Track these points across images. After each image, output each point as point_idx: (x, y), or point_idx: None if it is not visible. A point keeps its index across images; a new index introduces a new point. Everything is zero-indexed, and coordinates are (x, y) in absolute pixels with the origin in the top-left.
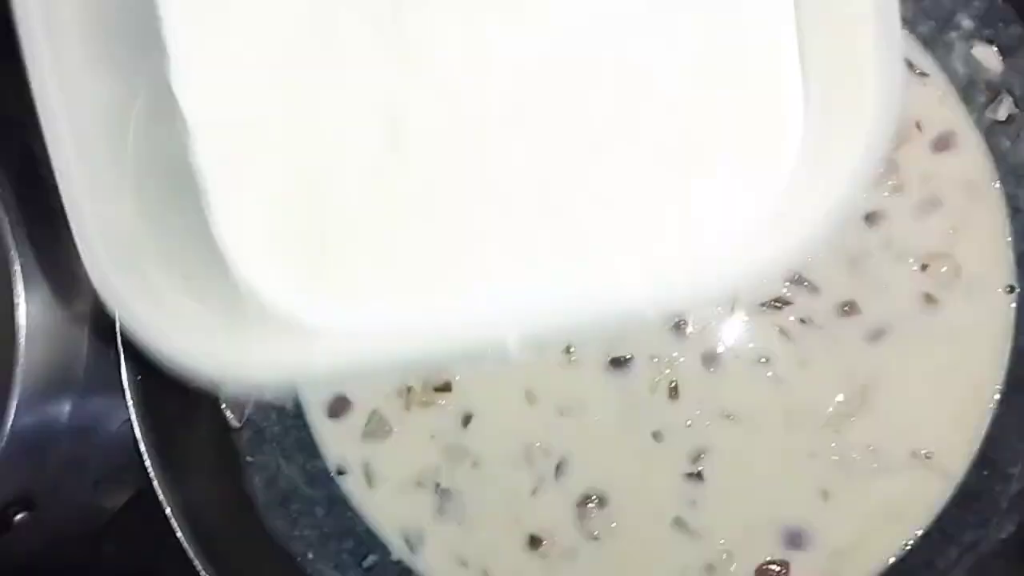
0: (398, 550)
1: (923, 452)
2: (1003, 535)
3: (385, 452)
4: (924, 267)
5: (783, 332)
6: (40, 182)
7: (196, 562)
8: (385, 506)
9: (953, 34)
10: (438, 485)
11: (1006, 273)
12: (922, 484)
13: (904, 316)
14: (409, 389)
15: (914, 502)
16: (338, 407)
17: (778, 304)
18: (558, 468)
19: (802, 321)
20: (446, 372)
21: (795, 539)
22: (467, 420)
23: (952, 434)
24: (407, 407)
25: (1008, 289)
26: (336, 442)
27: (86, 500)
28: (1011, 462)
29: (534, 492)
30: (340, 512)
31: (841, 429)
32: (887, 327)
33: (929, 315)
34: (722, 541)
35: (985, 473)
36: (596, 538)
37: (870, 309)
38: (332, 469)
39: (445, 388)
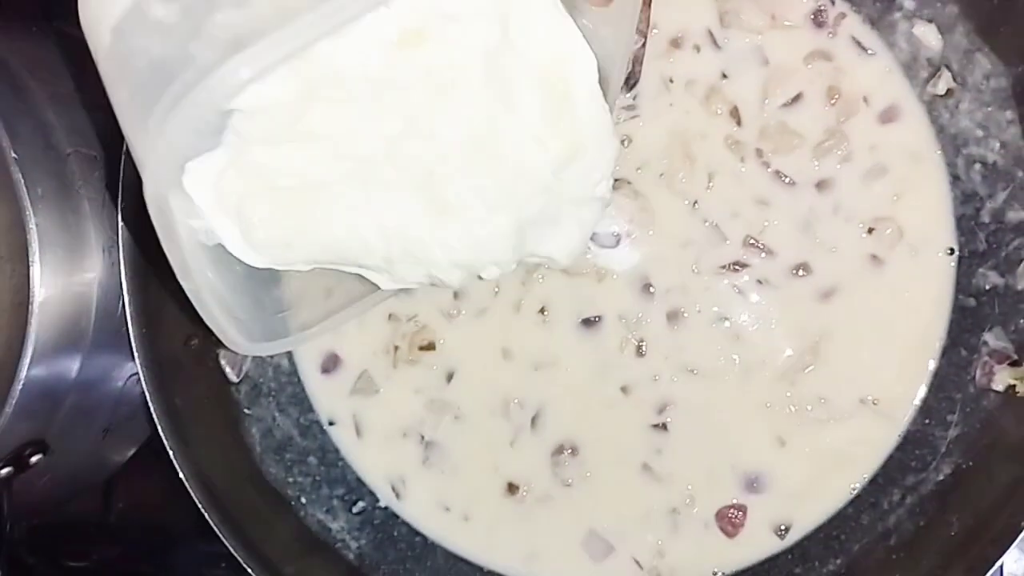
0: (385, 497)
1: (871, 399)
2: (941, 477)
3: (373, 406)
4: (870, 230)
5: (741, 292)
6: (55, 149)
7: (200, 506)
8: (373, 455)
9: (897, 14)
10: (422, 437)
11: (947, 236)
12: (870, 431)
13: (852, 276)
14: (396, 348)
15: (862, 448)
16: (329, 364)
17: (737, 267)
18: (533, 420)
19: (759, 282)
20: (431, 332)
21: (753, 484)
22: (450, 377)
23: (896, 384)
24: (394, 365)
25: (948, 251)
26: (327, 397)
27: (95, 449)
28: (949, 410)
29: (512, 443)
30: (331, 461)
31: (795, 381)
32: (837, 286)
33: (875, 275)
34: (688, 487)
35: (926, 421)
36: (569, 485)
37: (821, 270)
38: (324, 421)
39: (429, 347)
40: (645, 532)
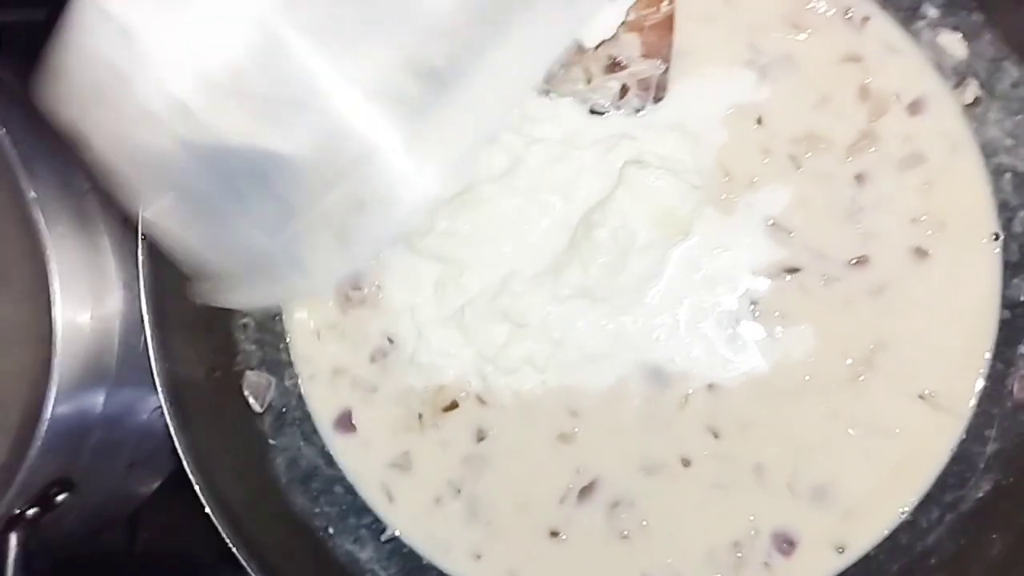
0: (427, 554)
1: (928, 392)
2: (980, 494)
3: (406, 478)
4: (913, 221)
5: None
6: (73, 186)
7: (227, 539)
8: (406, 520)
9: (921, 23)
10: (459, 491)
11: (990, 221)
12: (925, 439)
13: (899, 270)
14: (420, 416)
15: (918, 459)
16: (343, 424)
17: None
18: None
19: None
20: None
21: (815, 500)
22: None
23: (954, 380)
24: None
25: (993, 236)
26: (348, 459)
27: (120, 483)
28: (987, 425)
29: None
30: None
31: (852, 390)
32: (886, 283)
33: (921, 267)
34: (751, 517)
35: (963, 436)
36: (627, 537)
37: (870, 266)
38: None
39: (453, 407)
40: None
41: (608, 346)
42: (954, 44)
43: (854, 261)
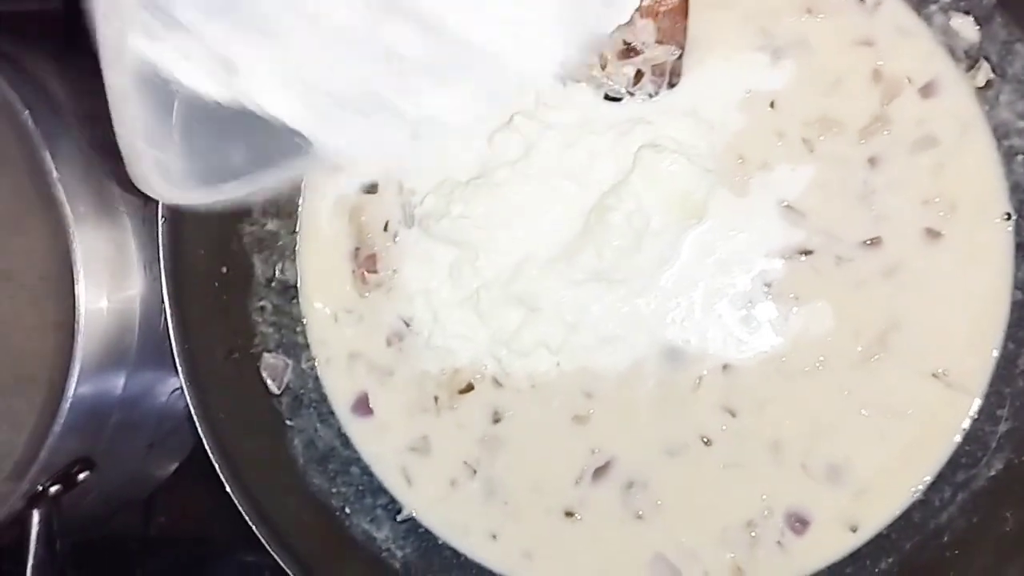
0: (443, 534)
1: (942, 371)
2: (993, 473)
3: (423, 462)
4: (925, 203)
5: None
6: (97, 170)
7: (247, 518)
8: (424, 501)
9: (933, 7)
10: (475, 472)
11: (1001, 201)
12: (938, 416)
13: (911, 251)
14: (436, 399)
15: (931, 435)
16: (360, 408)
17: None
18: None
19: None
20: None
21: (830, 478)
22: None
23: (967, 358)
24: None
25: (1005, 216)
26: (365, 443)
27: (140, 464)
28: (998, 404)
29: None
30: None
31: (865, 369)
32: (898, 264)
33: (934, 248)
34: (764, 497)
35: (975, 416)
36: (640, 517)
37: (883, 247)
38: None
39: (468, 389)
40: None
41: (623, 329)
42: (966, 27)
43: (867, 242)
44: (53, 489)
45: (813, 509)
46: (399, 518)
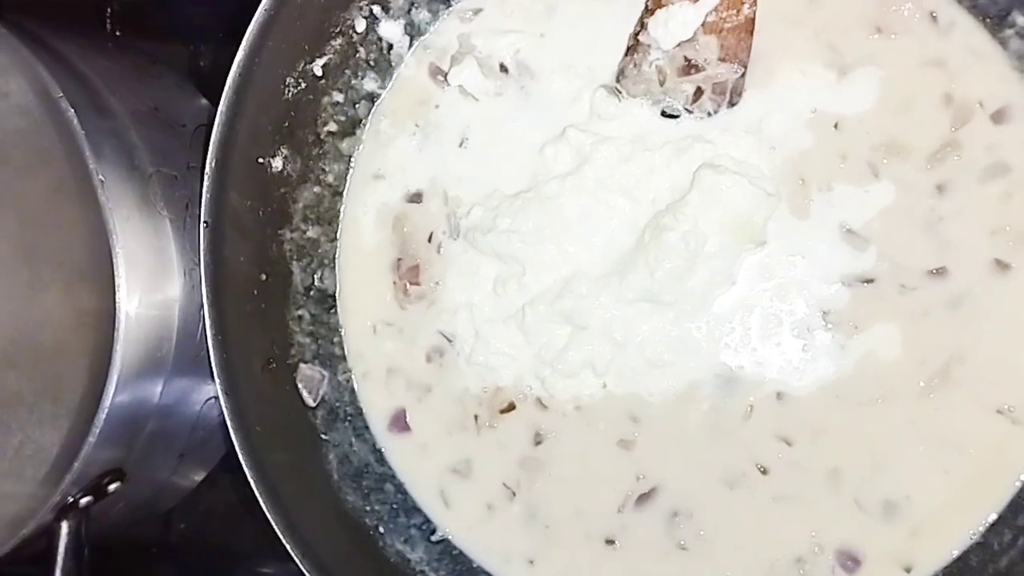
0: (482, 561)
1: (1008, 408)
2: None
3: (462, 484)
4: (994, 232)
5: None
6: (138, 170)
7: (278, 532)
8: (463, 528)
9: (1008, 31)
10: (514, 494)
11: None
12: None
13: (978, 282)
14: (476, 417)
15: (989, 479)
16: (398, 424)
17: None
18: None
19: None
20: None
21: (886, 514)
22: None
23: None
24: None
25: None
26: (402, 460)
27: (168, 474)
28: None
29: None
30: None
31: (928, 402)
32: (964, 295)
33: (1003, 279)
34: (814, 533)
35: None
36: (685, 548)
37: (948, 277)
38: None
39: (510, 408)
40: None
41: (672, 352)
42: None
43: (933, 271)
44: (84, 501)
45: (866, 547)
46: (434, 538)
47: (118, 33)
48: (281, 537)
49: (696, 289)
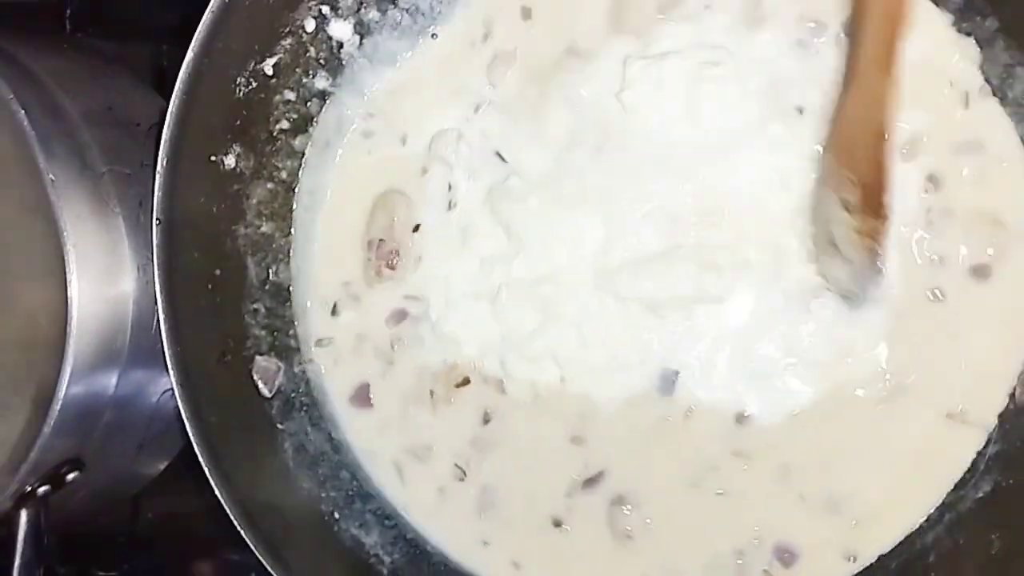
0: (435, 541)
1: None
2: (980, 494)
3: (417, 459)
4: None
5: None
6: (90, 168)
7: (235, 522)
8: (416, 502)
9: None
10: (464, 474)
11: None
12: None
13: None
14: (432, 393)
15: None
16: (360, 399)
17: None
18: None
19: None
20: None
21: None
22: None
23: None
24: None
25: None
26: (360, 438)
27: (129, 464)
28: None
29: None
30: (364, 476)
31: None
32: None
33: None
34: (756, 527)
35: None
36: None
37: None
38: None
39: (465, 383)
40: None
41: (638, 356)
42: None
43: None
44: (42, 490)
45: (806, 540)
46: (388, 523)
47: (78, 34)
48: (236, 525)
49: (686, 301)
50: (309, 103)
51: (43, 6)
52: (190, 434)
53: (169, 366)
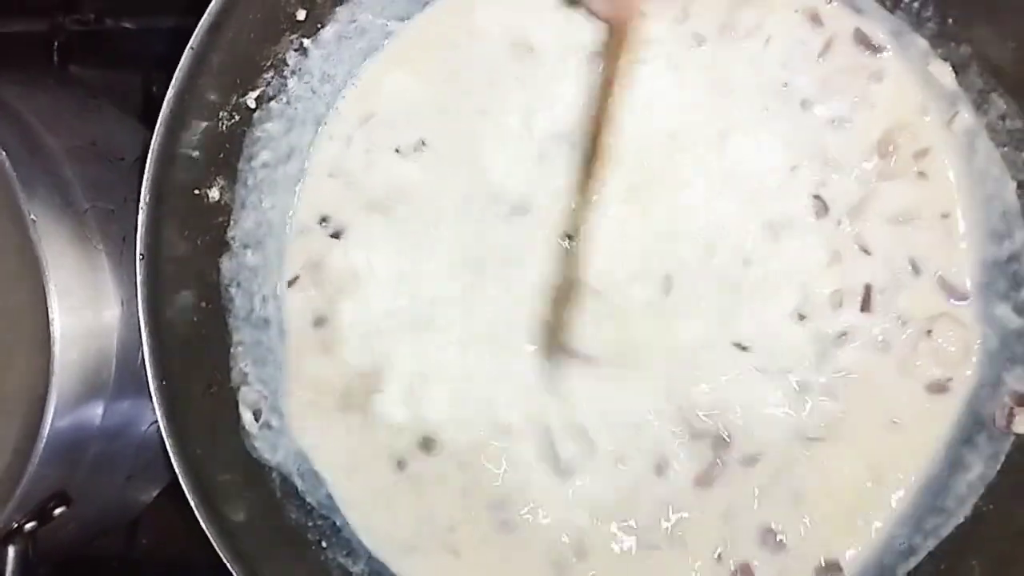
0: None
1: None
2: (961, 520)
3: None
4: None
5: None
6: (72, 206)
7: (221, 554)
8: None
9: None
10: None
11: None
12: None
13: None
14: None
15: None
16: None
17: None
18: None
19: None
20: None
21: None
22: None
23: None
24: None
25: None
26: None
27: (118, 495)
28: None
29: None
30: None
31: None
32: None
33: None
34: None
35: (943, 464)
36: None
37: None
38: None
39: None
40: None
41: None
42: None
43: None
44: (28, 526)
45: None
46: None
47: (68, 64)
48: (223, 557)
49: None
50: (291, 134)
51: (31, 37)
52: (175, 467)
53: (154, 400)
